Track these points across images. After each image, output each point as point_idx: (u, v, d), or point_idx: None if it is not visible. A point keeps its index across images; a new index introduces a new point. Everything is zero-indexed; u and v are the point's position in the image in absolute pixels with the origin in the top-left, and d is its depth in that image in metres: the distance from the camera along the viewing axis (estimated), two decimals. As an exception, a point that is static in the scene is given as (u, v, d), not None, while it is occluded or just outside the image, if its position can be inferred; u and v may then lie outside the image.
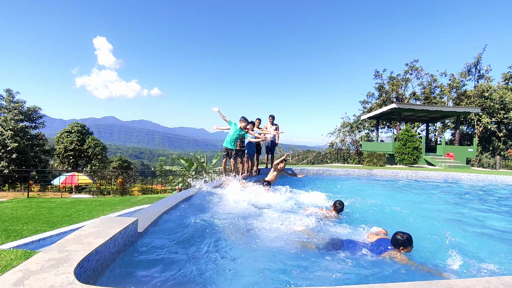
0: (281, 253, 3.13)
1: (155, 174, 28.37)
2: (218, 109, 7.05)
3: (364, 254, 3.05)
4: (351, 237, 3.55)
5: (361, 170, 11.89)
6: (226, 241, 3.43)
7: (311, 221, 4.05)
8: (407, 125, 17.23)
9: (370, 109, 27.77)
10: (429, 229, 4.33)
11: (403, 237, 3.00)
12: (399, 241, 2.99)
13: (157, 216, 3.61)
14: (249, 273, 2.72)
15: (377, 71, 28.67)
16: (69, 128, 29.12)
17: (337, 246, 3.23)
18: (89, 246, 2.15)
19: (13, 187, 20.34)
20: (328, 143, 28.43)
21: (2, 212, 6.73)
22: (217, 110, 7.06)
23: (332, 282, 2.60)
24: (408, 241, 2.99)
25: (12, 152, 22.53)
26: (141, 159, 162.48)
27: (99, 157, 28.82)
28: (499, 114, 22.11)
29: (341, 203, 4.75)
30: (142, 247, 2.89)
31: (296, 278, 2.61)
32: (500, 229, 4.69)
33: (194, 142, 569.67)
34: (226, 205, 5.18)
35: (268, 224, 4.03)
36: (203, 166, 22.00)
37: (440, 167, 15.49)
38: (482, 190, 8.76)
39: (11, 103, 24.95)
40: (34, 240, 4.52)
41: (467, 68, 25.47)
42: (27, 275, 1.72)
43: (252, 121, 8.23)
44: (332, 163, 20.55)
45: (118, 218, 2.90)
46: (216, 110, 7.06)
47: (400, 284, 1.82)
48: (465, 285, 1.80)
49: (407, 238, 2.99)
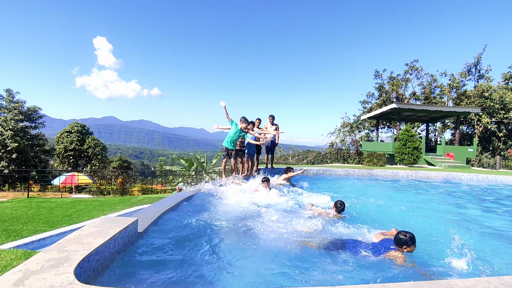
0: (282, 253, 3.13)
1: (155, 174, 28.37)
2: (225, 104, 7.01)
3: (366, 254, 3.05)
4: (353, 237, 3.55)
5: (361, 170, 11.89)
6: (227, 241, 3.42)
7: (312, 221, 4.05)
8: (407, 125, 17.23)
9: (370, 109, 27.76)
10: (429, 229, 4.33)
11: (406, 236, 3.00)
12: (402, 240, 2.99)
13: (157, 216, 3.62)
14: (249, 273, 2.72)
15: (377, 71, 28.66)
16: (69, 128, 29.11)
17: (339, 246, 3.22)
18: (89, 246, 2.15)
19: (13, 187, 20.34)
20: (328, 143, 28.44)
21: (2, 212, 6.73)
22: (224, 105, 7.02)
23: (333, 282, 2.60)
24: (411, 240, 2.99)
25: (12, 152, 22.53)
26: (141, 159, 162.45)
27: (99, 157, 28.81)
28: (499, 114, 22.10)
29: (342, 203, 4.75)
30: (142, 247, 2.89)
31: (297, 279, 2.61)
32: (500, 229, 4.69)
33: (194, 142, 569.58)
34: (226, 205, 5.18)
35: (269, 224, 4.03)
36: (203, 166, 22.01)
37: (440, 167, 15.48)
38: (482, 190, 8.76)
39: (11, 103, 24.93)
40: (34, 240, 4.52)
41: (467, 68, 25.47)
42: (27, 275, 1.72)
43: (252, 121, 8.21)
44: (332, 163, 20.54)
45: (118, 218, 2.90)
46: (223, 105, 7.00)
47: (400, 284, 1.82)
48: (465, 285, 1.81)
49: (410, 237, 3.00)
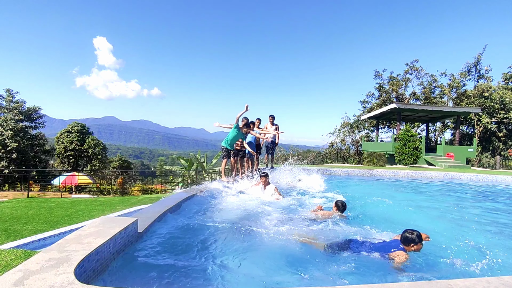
0: (283, 253, 3.13)
1: (155, 174, 28.38)
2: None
3: (369, 253, 3.05)
4: (356, 237, 3.55)
5: (361, 170, 11.89)
6: (227, 241, 3.42)
7: (315, 222, 4.04)
8: (407, 125, 17.23)
9: (370, 109, 27.76)
10: (429, 228, 4.33)
11: (412, 234, 3.00)
12: (409, 238, 3.00)
13: (157, 216, 3.61)
14: (250, 273, 2.71)
15: (377, 71, 28.66)
16: (69, 128, 29.12)
17: (343, 246, 3.22)
18: (89, 246, 2.15)
19: (13, 187, 20.33)
20: (328, 143, 28.43)
21: (2, 212, 6.73)
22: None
23: (335, 282, 2.60)
24: (418, 238, 3.01)
25: (12, 152, 22.52)
26: (141, 159, 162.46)
27: (99, 157, 28.81)
28: (499, 114, 22.10)
29: (343, 204, 4.74)
30: (142, 247, 2.89)
31: (299, 279, 2.61)
32: (500, 229, 4.68)
33: (194, 142, 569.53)
34: (226, 204, 5.18)
35: (269, 223, 4.02)
36: (203, 166, 22.01)
37: (440, 167, 15.48)
38: (482, 190, 8.76)
39: (11, 103, 24.94)
40: (34, 240, 4.51)
41: (467, 68, 25.47)
42: (27, 275, 1.72)
43: (252, 121, 8.25)
44: (332, 163, 20.54)
45: (118, 218, 2.90)
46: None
47: (400, 284, 1.82)
48: (465, 285, 1.80)
49: (417, 235, 3.00)
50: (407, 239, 3.02)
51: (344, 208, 4.73)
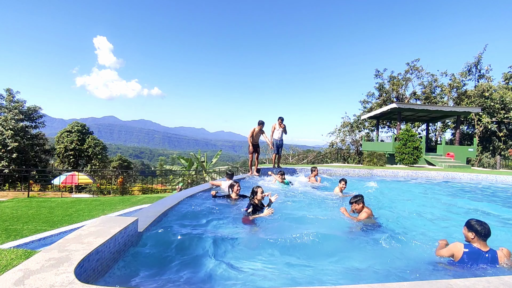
0: (285, 253, 3.12)
1: (155, 174, 28.37)
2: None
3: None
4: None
5: (361, 170, 11.89)
6: (228, 241, 3.41)
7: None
8: (407, 125, 17.22)
9: (370, 109, 27.74)
10: (428, 228, 4.33)
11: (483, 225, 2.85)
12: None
13: (157, 216, 3.61)
14: (251, 273, 2.71)
15: (377, 71, 28.64)
16: (69, 127, 29.13)
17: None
18: (89, 246, 2.15)
19: (13, 187, 20.33)
20: (328, 142, 28.44)
21: (2, 212, 6.74)
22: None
23: (335, 282, 2.59)
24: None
25: (13, 152, 22.53)
26: (141, 158, 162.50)
27: (99, 156, 28.83)
28: (499, 114, 22.09)
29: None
30: (142, 246, 2.89)
31: (303, 279, 2.60)
32: (500, 229, 4.67)
33: (194, 141, 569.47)
34: (227, 205, 5.18)
35: (274, 224, 4.01)
36: (203, 166, 22.01)
37: (440, 167, 15.48)
38: (482, 190, 8.75)
39: (11, 102, 24.93)
40: (34, 239, 4.51)
41: (467, 68, 25.45)
42: (28, 274, 1.72)
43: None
44: (332, 163, 20.53)
45: (118, 218, 2.91)
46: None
47: (400, 284, 1.82)
48: (465, 285, 1.80)
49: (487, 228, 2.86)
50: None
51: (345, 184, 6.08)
